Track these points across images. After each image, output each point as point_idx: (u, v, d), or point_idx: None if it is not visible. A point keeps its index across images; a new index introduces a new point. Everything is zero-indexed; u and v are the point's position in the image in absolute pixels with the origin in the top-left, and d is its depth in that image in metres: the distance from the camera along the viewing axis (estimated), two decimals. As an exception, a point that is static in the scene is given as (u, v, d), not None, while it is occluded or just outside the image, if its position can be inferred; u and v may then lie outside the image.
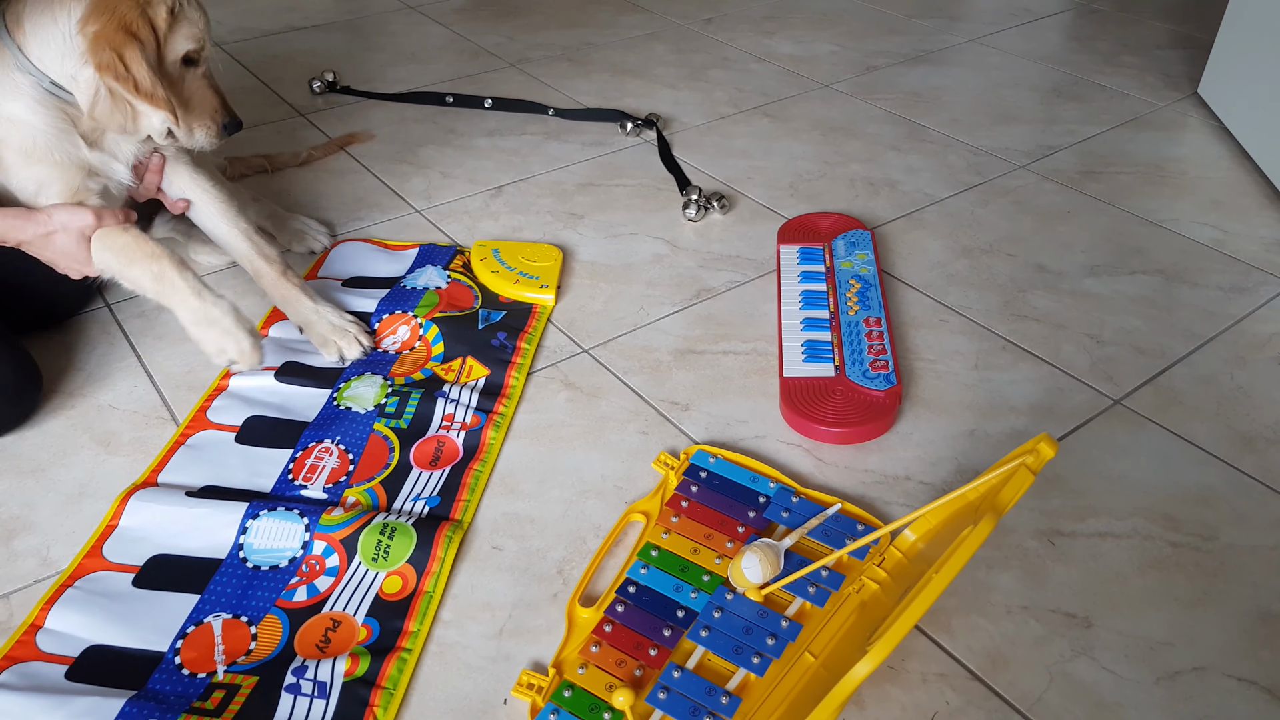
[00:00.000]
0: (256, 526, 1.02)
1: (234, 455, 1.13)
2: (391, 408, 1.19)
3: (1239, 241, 1.55)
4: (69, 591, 0.96)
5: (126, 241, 1.12)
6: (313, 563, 0.99)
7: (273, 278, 1.26)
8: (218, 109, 1.12)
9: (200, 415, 1.19)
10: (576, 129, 1.90)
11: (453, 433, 1.16)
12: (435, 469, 1.12)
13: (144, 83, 1.02)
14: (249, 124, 1.90)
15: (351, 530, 1.00)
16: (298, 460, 1.12)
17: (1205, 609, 0.98)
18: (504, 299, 1.39)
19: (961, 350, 1.32)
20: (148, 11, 1.02)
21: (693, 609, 0.96)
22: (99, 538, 1.03)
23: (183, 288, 1.12)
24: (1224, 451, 1.16)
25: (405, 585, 0.97)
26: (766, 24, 2.43)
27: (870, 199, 1.67)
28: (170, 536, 1.02)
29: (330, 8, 2.52)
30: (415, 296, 1.35)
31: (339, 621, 0.94)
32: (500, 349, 1.29)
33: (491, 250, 1.46)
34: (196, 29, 1.06)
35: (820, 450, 1.16)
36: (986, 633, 0.95)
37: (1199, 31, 2.39)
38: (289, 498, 1.07)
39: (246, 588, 0.97)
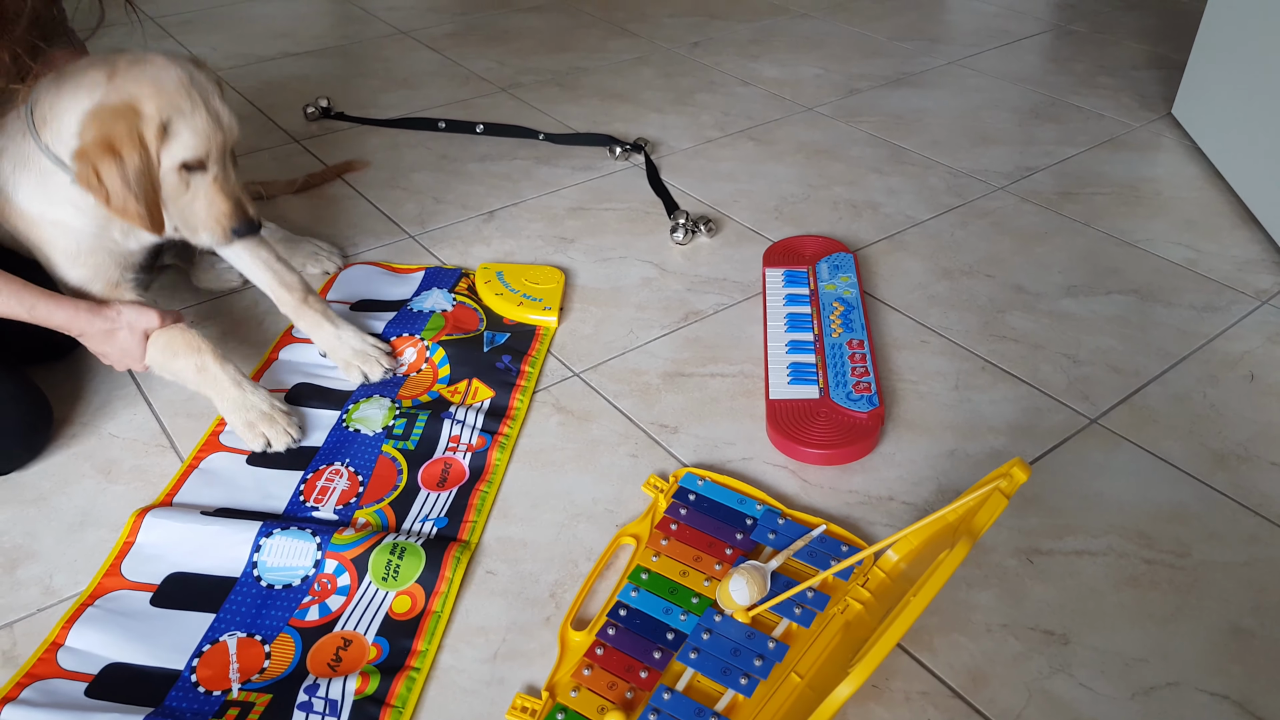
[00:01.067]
0: (270, 545, 1.05)
1: (246, 477, 1.16)
2: (399, 429, 1.22)
3: (1212, 261, 1.59)
4: (89, 610, 0.99)
5: (172, 336, 1.18)
6: (325, 581, 1.02)
7: (294, 305, 1.30)
8: (226, 214, 1.12)
9: (213, 439, 1.22)
10: (566, 153, 1.94)
11: (459, 454, 1.19)
12: (443, 490, 1.15)
13: (115, 197, 1.02)
14: (245, 150, 1.93)
15: (362, 550, 1.04)
16: (309, 482, 1.15)
17: (1179, 625, 1.01)
18: (508, 321, 1.43)
19: (942, 371, 1.36)
20: (137, 126, 1.02)
21: (682, 631, 0.99)
22: (117, 555, 1.06)
23: (223, 379, 1.19)
24: (1197, 469, 1.19)
25: (414, 605, 1.00)
26: (752, 48, 2.47)
27: (853, 221, 1.71)
28: (186, 554, 1.05)
29: (324, 33, 2.55)
30: (422, 319, 1.38)
31: (350, 640, 0.97)
32: (505, 371, 1.32)
33: (496, 273, 1.50)
34: (197, 140, 1.06)
35: (805, 471, 1.19)
36: (967, 650, 0.98)
37: (1174, 52, 2.44)
38: (301, 518, 1.10)
39: (261, 607, 1.00)
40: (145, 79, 1.03)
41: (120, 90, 1.02)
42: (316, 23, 2.63)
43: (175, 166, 1.06)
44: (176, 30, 2.55)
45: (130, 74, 1.03)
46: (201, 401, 1.29)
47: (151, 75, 1.04)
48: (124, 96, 1.02)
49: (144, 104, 1.02)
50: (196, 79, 1.07)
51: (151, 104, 1.02)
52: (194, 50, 2.41)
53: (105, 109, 1.01)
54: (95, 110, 1.02)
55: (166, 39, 2.49)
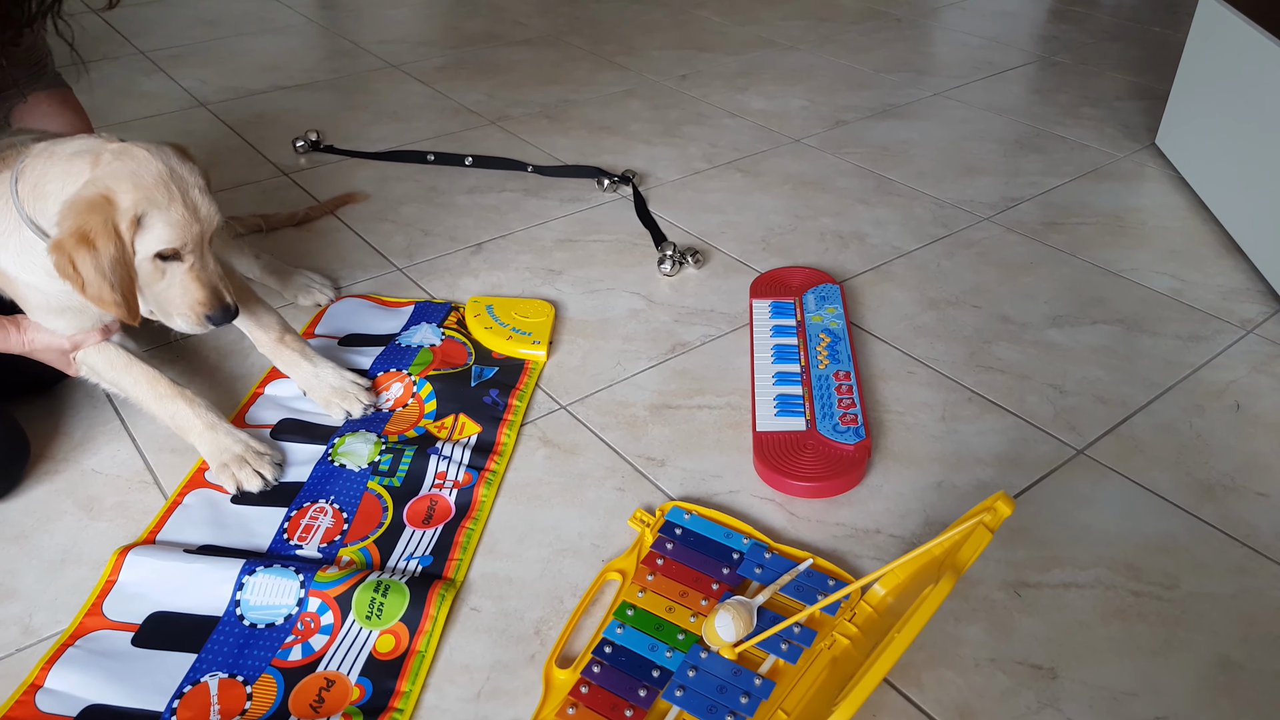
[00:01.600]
0: (253, 583, 1.04)
1: (230, 514, 1.15)
2: (385, 465, 1.21)
3: (1197, 290, 1.60)
4: (70, 651, 0.98)
5: (112, 355, 1.21)
6: (308, 620, 1.01)
7: (271, 344, 1.30)
8: (201, 302, 1.12)
9: (198, 475, 1.21)
10: (555, 185, 1.95)
11: (445, 491, 1.18)
12: (428, 527, 1.14)
13: (90, 286, 1.03)
14: (233, 183, 1.93)
15: (346, 587, 1.03)
16: (293, 519, 1.15)
17: (1167, 658, 1.00)
18: (497, 355, 1.43)
19: (929, 402, 1.36)
20: (113, 218, 1.03)
21: (668, 668, 0.98)
22: (99, 594, 1.05)
23: (192, 417, 1.20)
24: (1184, 500, 1.19)
25: (398, 644, 0.99)
26: (739, 80, 2.49)
27: (840, 252, 1.72)
28: (168, 593, 1.04)
29: (314, 67, 2.56)
30: (410, 354, 1.38)
31: (332, 681, 0.96)
32: (492, 406, 1.31)
33: (485, 306, 1.50)
34: (171, 232, 1.07)
35: (793, 504, 1.19)
36: (955, 685, 0.97)
37: (1156, 83, 2.46)
38: (284, 556, 1.09)
39: (243, 647, 0.99)
40: (124, 173, 1.04)
41: (99, 183, 1.03)
42: (306, 56, 2.64)
43: (150, 256, 1.08)
44: (167, 65, 2.56)
45: (111, 167, 1.05)
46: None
47: (131, 169, 1.05)
48: (101, 189, 1.03)
49: (120, 197, 1.03)
50: (177, 172, 1.08)
51: (128, 197, 1.03)
52: (183, 84, 2.42)
53: (82, 201, 1.02)
54: (73, 201, 1.03)
55: (157, 73, 2.50)
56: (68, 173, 1.05)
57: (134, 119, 2.22)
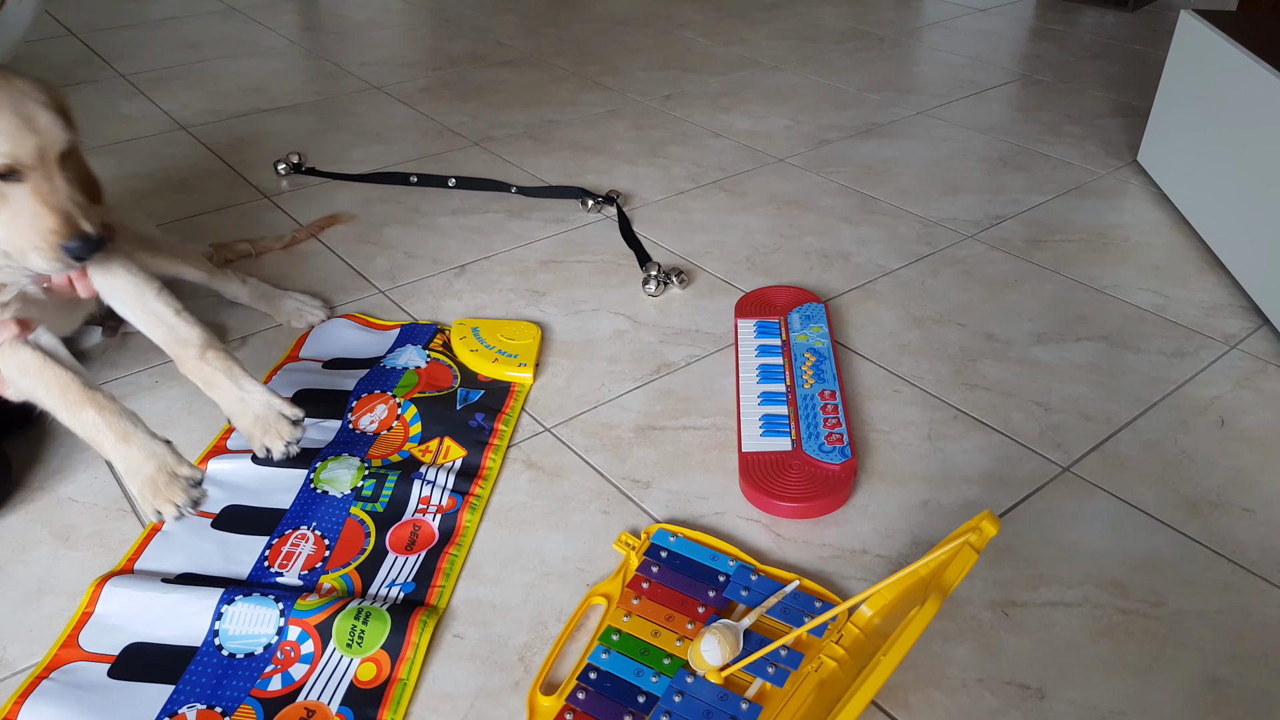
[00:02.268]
0: (232, 612, 1.02)
1: (210, 541, 1.13)
2: (368, 490, 1.20)
3: (1179, 306, 1.60)
4: (44, 684, 0.96)
5: (24, 357, 1.07)
6: (288, 649, 1.00)
7: (191, 361, 1.16)
8: (53, 230, 0.98)
9: None
10: (539, 206, 1.94)
11: (428, 516, 1.17)
12: (411, 554, 1.12)
13: None
14: (214, 206, 1.92)
15: (326, 615, 1.01)
16: (274, 547, 1.13)
17: (1155, 676, 1.00)
18: (482, 378, 1.41)
19: (914, 421, 1.35)
20: None
21: (654, 694, 0.97)
22: (75, 626, 1.03)
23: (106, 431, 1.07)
24: (1170, 516, 1.19)
25: (380, 672, 0.97)
26: (723, 100, 2.50)
27: (824, 271, 1.72)
28: (146, 624, 1.02)
29: (296, 89, 2.56)
30: (394, 376, 1.37)
31: (313, 711, 0.94)
32: (478, 430, 1.30)
33: (471, 329, 1.49)
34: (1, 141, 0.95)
35: (779, 525, 1.18)
36: (943, 707, 0.97)
37: (1137, 100, 2.48)
38: (264, 584, 1.08)
39: (221, 677, 0.97)
40: None
41: None
42: (288, 79, 2.64)
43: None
44: (147, 87, 2.55)
45: None
46: (165, 463, 1.27)
47: None
48: None
49: None
50: (14, 84, 0.98)
51: None
52: (164, 107, 2.41)
53: None
54: None
55: (137, 96, 2.49)
56: None
57: (114, 142, 2.21)
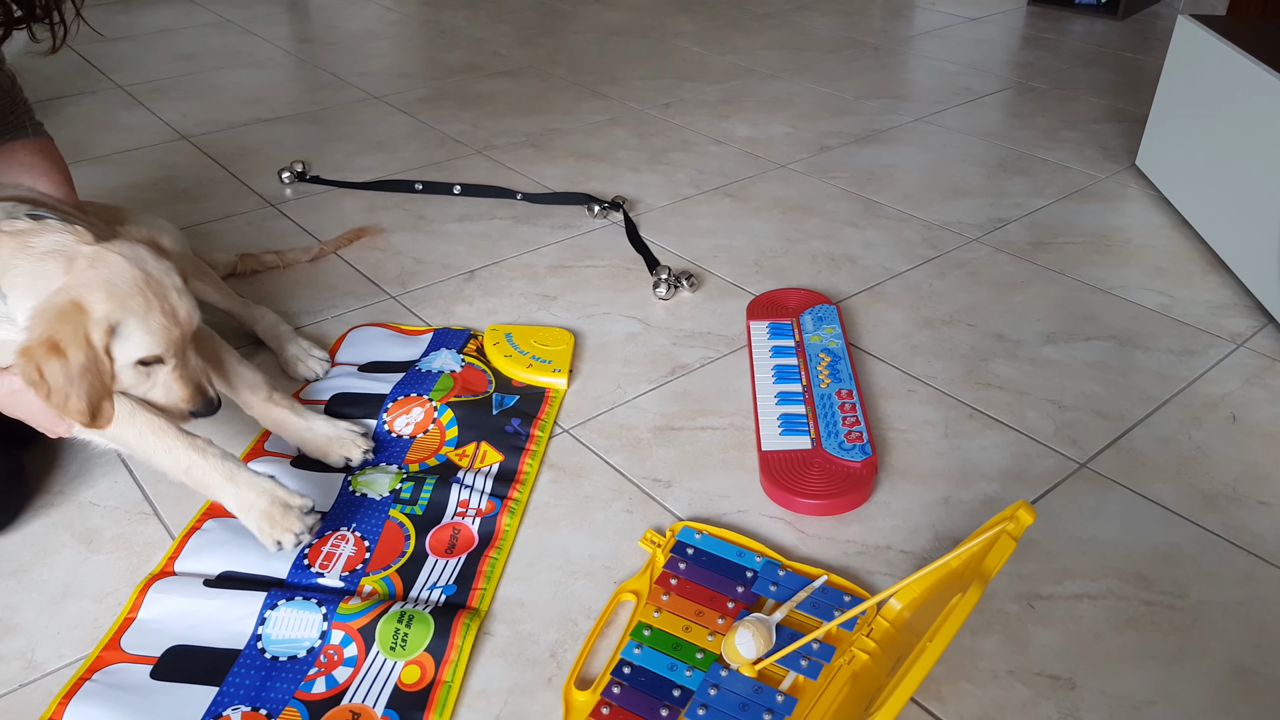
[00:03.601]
0: (275, 616, 1.02)
1: (248, 539, 1.13)
2: (406, 494, 1.19)
3: (1186, 306, 1.63)
4: (87, 685, 0.96)
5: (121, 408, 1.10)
6: (331, 653, 0.99)
7: (260, 404, 1.25)
8: (185, 399, 1.10)
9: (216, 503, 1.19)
10: (545, 213, 1.95)
11: (468, 519, 1.17)
12: (451, 557, 1.12)
13: (55, 394, 1.00)
14: (220, 215, 1.92)
15: (369, 619, 1.01)
16: (314, 547, 1.13)
17: (1183, 666, 1.01)
18: (517, 383, 1.41)
19: (930, 419, 1.36)
20: (84, 327, 1.00)
21: (688, 687, 0.97)
22: (118, 629, 1.02)
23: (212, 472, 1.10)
24: (1188, 510, 1.20)
25: (424, 675, 0.97)
26: (721, 108, 2.51)
27: (832, 274, 1.73)
28: (188, 628, 1.02)
29: (295, 99, 2.56)
30: (430, 380, 1.37)
31: (358, 714, 0.94)
32: (514, 435, 1.30)
33: (504, 334, 1.49)
34: (151, 339, 1.04)
35: (802, 523, 1.19)
36: (975, 698, 0.97)
37: (1132, 106, 2.51)
38: (306, 586, 1.07)
39: (265, 679, 0.97)
40: (98, 281, 1.02)
41: (71, 290, 1.01)
42: (287, 89, 2.64)
43: (130, 364, 1.05)
44: (146, 98, 2.55)
45: (85, 274, 1.02)
46: (185, 466, 1.26)
47: (105, 277, 1.02)
48: (73, 297, 1.00)
49: (94, 306, 1.00)
50: (153, 277, 1.05)
51: (102, 307, 1.01)
52: (164, 118, 2.41)
53: (53, 309, 0.99)
54: (43, 309, 1.00)
55: (137, 106, 2.49)
56: (39, 273, 1.02)
57: (115, 152, 2.20)
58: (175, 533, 1.17)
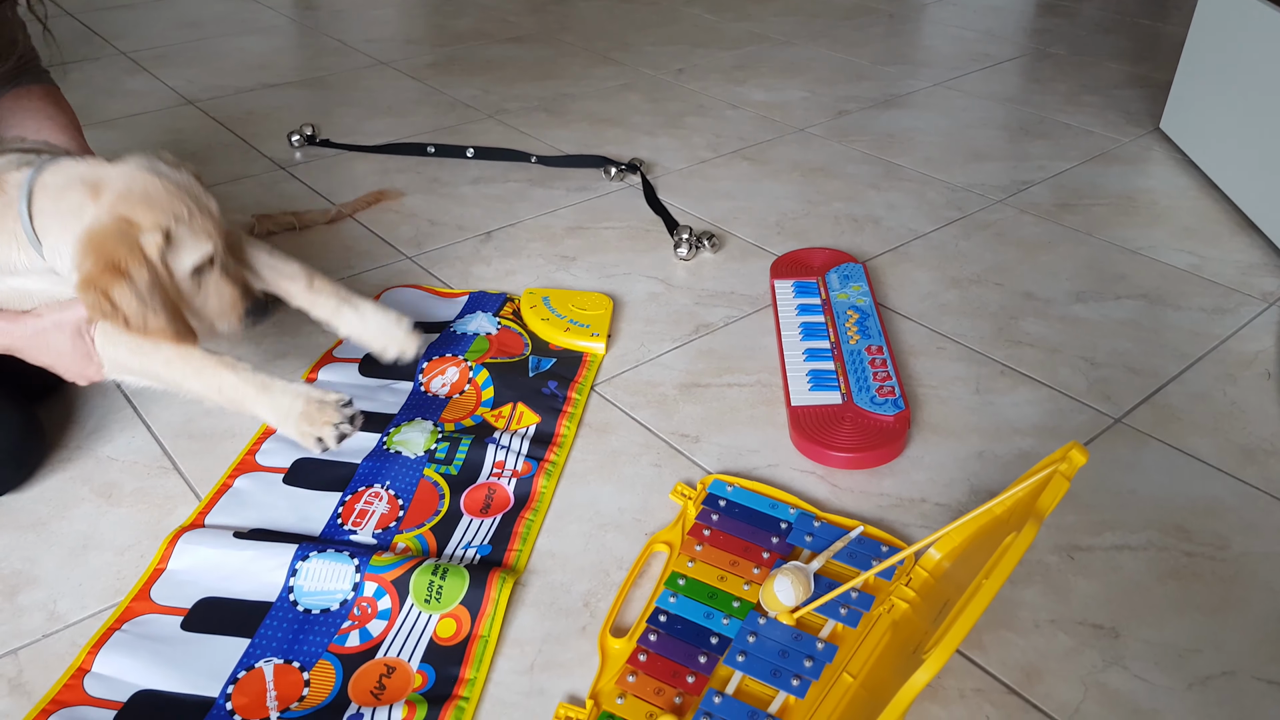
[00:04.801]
0: (306, 568, 1.00)
1: (281, 498, 1.11)
2: (442, 453, 1.17)
3: (1215, 266, 1.60)
4: (116, 635, 0.94)
5: (137, 340, 1.07)
6: (364, 605, 0.97)
7: (302, 293, 1.19)
8: (236, 301, 1.07)
9: (248, 458, 1.17)
10: (560, 175, 1.92)
11: (503, 480, 1.14)
12: (486, 517, 1.09)
13: (134, 318, 0.96)
14: (230, 178, 1.89)
15: (403, 571, 0.98)
16: (347, 504, 1.10)
17: (1227, 615, 0.99)
18: (554, 347, 1.38)
19: (961, 376, 1.34)
20: (139, 242, 0.96)
21: (726, 635, 0.95)
22: (147, 580, 1.00)
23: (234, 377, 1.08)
24: (1226, 464, 1.18)
25: (460, 629, 0.95)
26: (736, 73, 2.48)
27: (855, 235, 1.70)
28: (219, 579, 1.00)
29: (302, 65, 2.53)
30: (465, 341, 1.34)
31: (393, 668, 0.92)
32: (551, 397, 1.27)
33: (542, 298, 1.46)
34: (201, 240, 1.01)
35: (834, 476, 1.17)
36: (1018, 647, 0.95)
37: (1153, 71, 2.48)
38: (339, 540, 1.05)
39: (298, 632, 0.95)
40: (135, 194, 0.98)
41: (112, 210, 0.96)
42: (293, 55, 2.61)
43: (188, 273, 1.02)
44: (150, 64, 2.51)
45: (117, 191, 0.98)
46: (204, 422, 1.24)
47: (140, 189, 0.98)
48: (117, 215, 0.96)
49: (141, 218, 0.97)
50: (180, 181, 1.02)
51: (149, 217, 0.97)
52: (169, 83, 2.38)
53: (101, 232, 0.95)
54: (91, 235, 0.95)
55: (140, 73, 2.45)
56: (65, 208, 0.98)
57: (121, 116, 2.17)
58: (196, 486, 1.15)
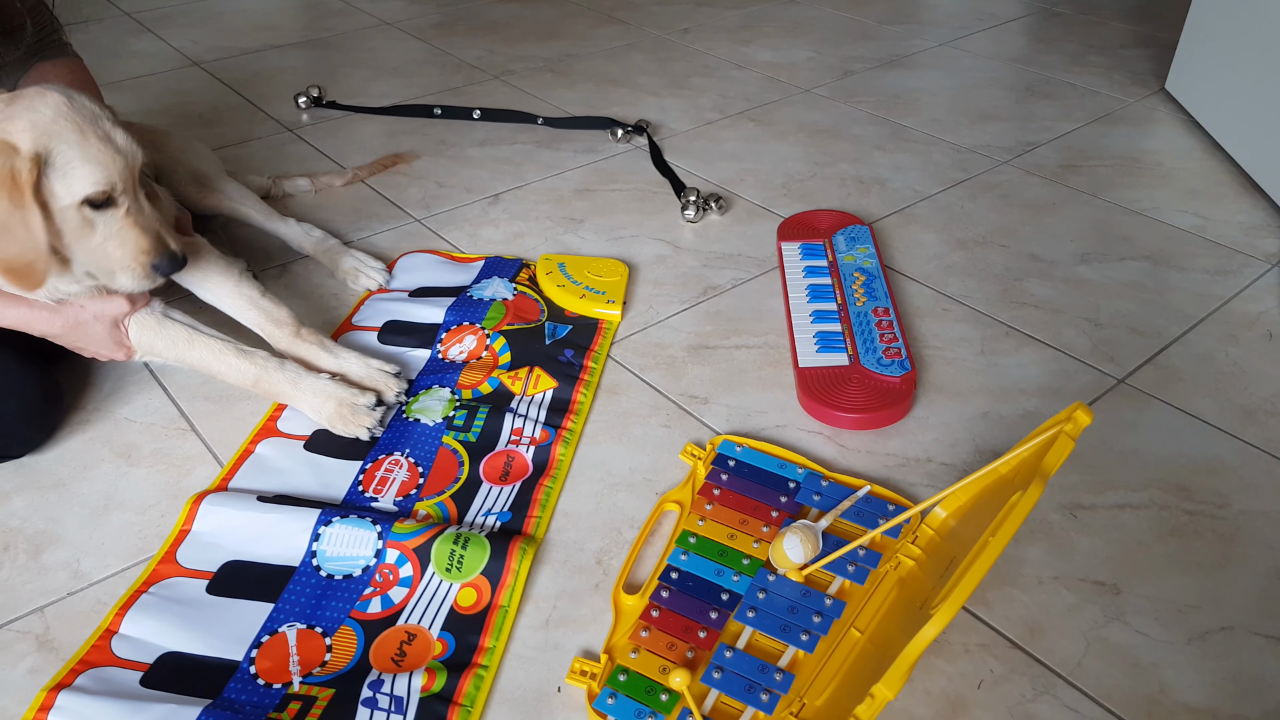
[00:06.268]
0: (329, 533, 1.01)
1: (303, 464, 1.12)
2: (460, 421, 1.18)
3: (1219, 227, 1.61)
4: (143, 597, 0.96)
5: (180, 333, 1.14)
6: (386, 572, 0.99)
7: (287, 339, 1.22)
8: (145, 250, 1.01)
9: (270, 424, 1.18)
10: (567, 137, 1.92)
11: (521, 447, 1.15)
12: (505, 484, 1.11)
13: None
14: (238, 140, 1.89)
15: (425, 539, 1.00)
16: (367, 472, 1.12)
17: (1226, 572, 1.01)
18: (569, 313, 1.39)
19: (967, 337, 1.35)
20: (11, 164, 0.91)
21: (736, 591, 0.97)
22: (173, 542, 1.02)
23: (282, 380, 1.16)
24: (1227, 424, 1.20)
25: (480, 598, 0.96)
26: (742, 33, 2.47)
27: (862, 197, 1.71)
28: (243, 542, 1.02)
29: (306, 25, 2.51)
30: (482, 308, 1.35)
31: (414, 635, 0.94)
32: (568, 365, 1.28)
33: (557, 264, 1.46)
34: (92, 169, 0.95)
35: (841, 436, 1.19)
36: (1021, 603, 0.98)
37: (1158, 31, 2.47)
38: (361, 507, 1.07)
39: (320, 598, 0.97)
40: (17, 114, 0.93)
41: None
42: (296, 15, 2.59)
43: (75, 204, 0.96)
44: (154, 25, 2.50)
45: (4, 112, 0.94)
46: (220, 385, 1.26)
47: (24, 109, 0.94)
48: None
49: (19, 139, 0.92)
50: (79, 103, 0.97)
51: (26, 137, 0.92)
52: (174, 44, 2.37)
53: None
54: None
55: (145, 33, 2.44)
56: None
57: (127, 78, 2.17)
58: (213, 448, 1.17)
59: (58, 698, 0.85)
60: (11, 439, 1.13)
